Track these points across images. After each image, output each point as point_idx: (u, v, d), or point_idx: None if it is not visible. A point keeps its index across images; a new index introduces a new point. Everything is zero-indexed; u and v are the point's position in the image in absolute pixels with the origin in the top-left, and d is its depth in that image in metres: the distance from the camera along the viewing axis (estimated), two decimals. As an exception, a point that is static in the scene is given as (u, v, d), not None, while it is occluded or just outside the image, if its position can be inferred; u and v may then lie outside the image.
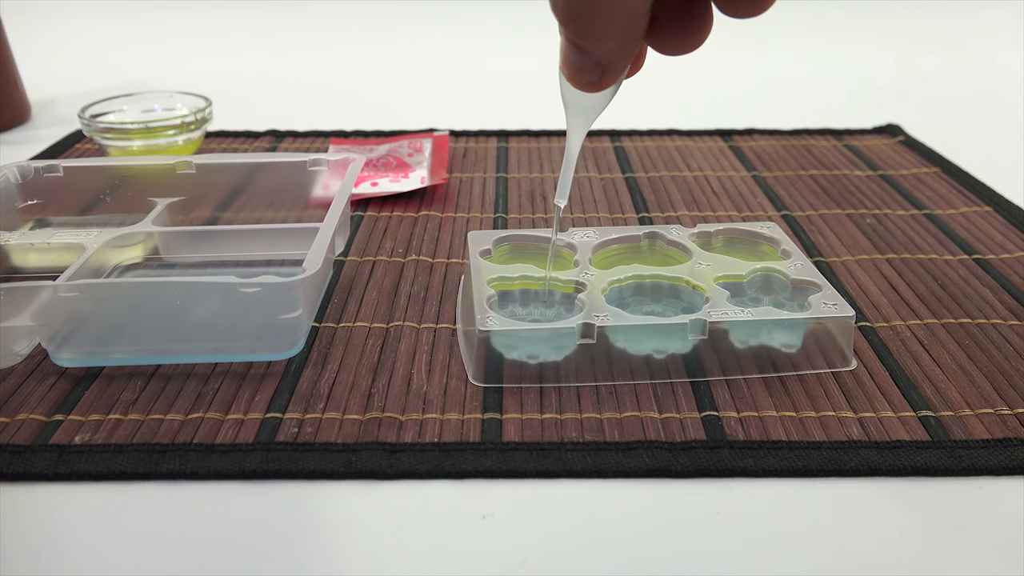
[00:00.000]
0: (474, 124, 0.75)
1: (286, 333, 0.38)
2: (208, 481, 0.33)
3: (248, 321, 0.37)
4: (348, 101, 0.85)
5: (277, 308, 0.37)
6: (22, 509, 0.32)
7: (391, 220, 0.55)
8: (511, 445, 0.34)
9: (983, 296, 0.46)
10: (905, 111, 0.79)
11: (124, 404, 0.36)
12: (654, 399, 0.37)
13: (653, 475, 0.33)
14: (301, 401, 0.37)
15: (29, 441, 0.34)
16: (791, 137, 0.72)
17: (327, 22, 1.00)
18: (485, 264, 0.42)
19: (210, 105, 0.65)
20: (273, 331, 0.38)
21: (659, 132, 0.73)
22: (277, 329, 0.38)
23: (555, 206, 0.37)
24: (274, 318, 0.37)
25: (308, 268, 0.36)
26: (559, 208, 0.37)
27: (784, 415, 0.36)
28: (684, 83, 0.90)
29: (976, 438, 0.35)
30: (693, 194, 0.60)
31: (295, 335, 0.39)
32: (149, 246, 0.48)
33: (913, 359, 0.40)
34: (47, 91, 0.85)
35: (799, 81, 0.91)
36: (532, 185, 0.61)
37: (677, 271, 0.42)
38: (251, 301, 0.36)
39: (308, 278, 0.36)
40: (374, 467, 0.33)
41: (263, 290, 0.35)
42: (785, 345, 0.38)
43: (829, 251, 0.51)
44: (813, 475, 0.33)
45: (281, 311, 0.37)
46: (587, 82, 0.27)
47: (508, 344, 0.37)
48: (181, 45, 0.98)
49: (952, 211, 0.57)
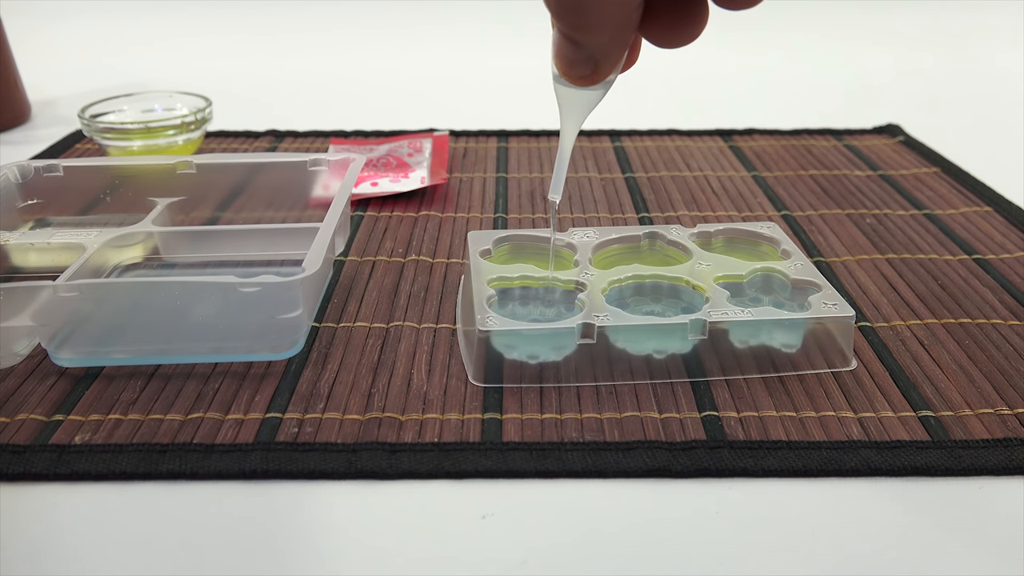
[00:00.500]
0: (474, 124, 0.75)
1: (286, 333, 0.38)
2: (208, 481, 0.33)
3: (248, 321, 0.37)
4: (348, 101, 0.85)
5: (277, 308, 0.37)
6: (22, 509, 0.32)
7: (391, 220, 0.55)
8: (511, 445, 0.34)
9: (983, 296, 0.46)
10: (905, 111, 0.79)
11: (124, 404, 0.36)
12: (654, 399, 0.37)
13: (653, 475, 0.33)
14: (301, 401, 0.37)
15: (29, 441, 0.34)
16: (791, 137, 0.72)
17: (327, 22, 1.00)
18: (485, 264, 0.42)
19: (210, 105, 0.65)
20: (273, 331, 0.38)
21: (659, 132, 0.73)
22: (277, 329, 0.38)
23: (550, 202, 0.36)
24: (274, 318, 0.37)
25: (308, 268, 0.36)
26: (554, 205, 0.37)
27: (784, 415, 0.36)
28: (684, 83, 0.90)
29: (976, 438, 0.35)
30: (693, 194, 0.60)
31: (295, 335, 0.39)
32: (149, 246, 0.48)
33: (913, 359, 0.40)
34: (47, 91, 0.85)
35: (799, 81, 0.91)
36: (532, 185, 0.61)
37: (677, 271, 0.42)
38: (250, 301, 0.36)
39: (307, 278, 0.36)
40: (374, 467, 0.33)
41: (262, 290, 0.35)
42: (785, 345, 0.38)
43: (829, 251, 0.51)
44: (813, 475, 0.33)
45: (281, 311, 0.37)
46: (580, 76, 0.27)
47: (508, 344, 0.37)
48: (181, 45, 0.98)
49: (952, 211, 0.57)
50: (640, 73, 0.29)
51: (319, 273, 0.37)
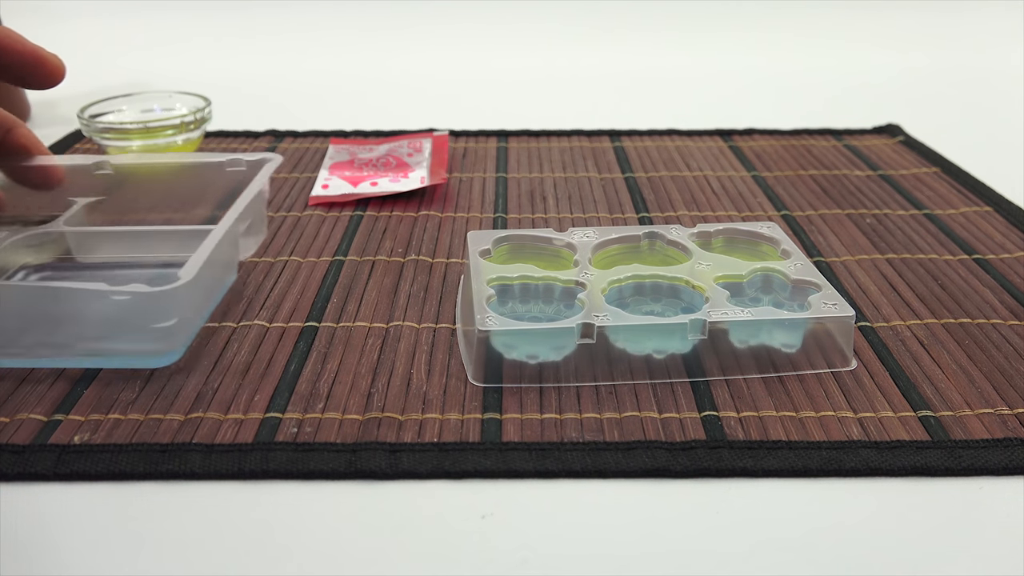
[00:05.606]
0: (474, 124, 0.75)
1: (163, 340, 0.38)
2: (207, 481, 0.33)
3: (123, 328, 0.37)
4: (348, 101, 0.84)
5: (149, 317, 0.36)
6: (22, 509, 0.32)
7: (391, 220, 0.55)
8: (511, 445, 0.34)
9: (983, 296, 0.46)
10: (905, 111, 0.79)
11: (123, 404, 0.36)
12: (654, 399, 0.37)
13: (653, 475, 0.33)
14: (301, 401, 0.37)
15: (28, 441, 0.34)
16: (791, 137, 0.72)
17: (327, 22, 1.00)
18: (485, 264, 0.42)
19: (209, 105, 0.65)
20: (149, 338, 0.37)
21: (659, 132, 0.73)
22: (153, 337, 0.37)
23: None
24: (148, 326, 0.37)
25: (183, 276, 0.36)
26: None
27: (784, 415, 0.36)
28: (684, 83, 0.90)
29: (976, 438, 0.35)
30: (693, 194, 0.60)
31: (172, 342, 0.38)
32: (62, 247, 0.47)
33: (913, 359, 0.40)
34: (47, 91, 0.84)
35: (799, 81, 0.91)
36: (532, 185, 0.61)
37: (677, 271, 0.42)
38: (123, 309, 0.36)
39: (183, 286, 0.35)
40: (374, 467, 0.33)
41: (133, 299, 0.35)
42: (785, 345, 0.38)
43: (829, 251, 0.51)
44: (813, 475, 0.33)
45: (153, 320, 0.36)
46: None
47: (508, 344, 0.37)
48: (181, 45, 0.98)
49: (952, 211, 0.57)
50: (640, 72, 0.29)
51: (200, 281, 0.37)
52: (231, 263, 0.45)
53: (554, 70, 0.94)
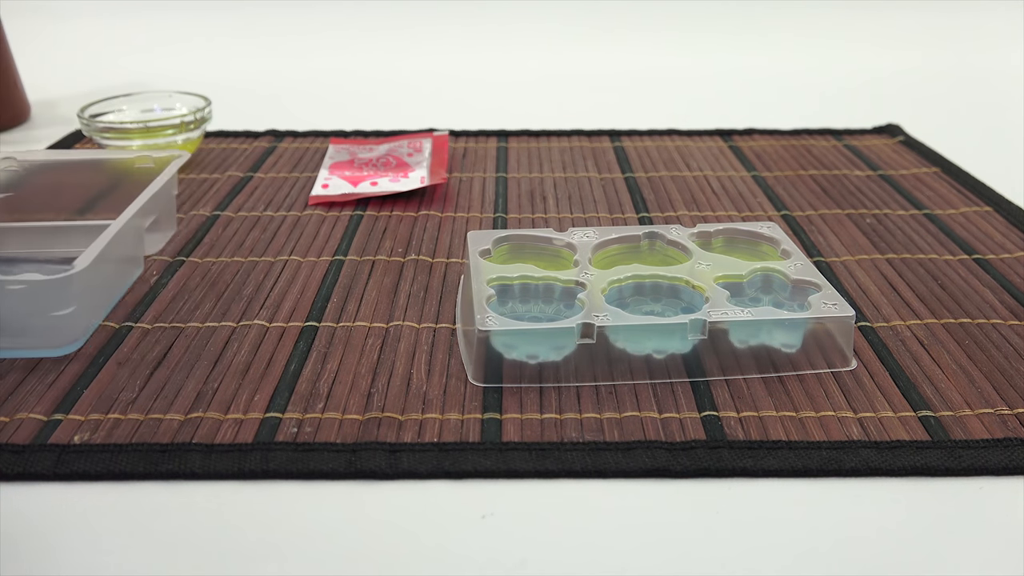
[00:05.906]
0: (474, 124, 0.75)
1: (62, 330, 0.38)
2: (207, 481, 0.33)
3: (19, 318, 0.38)
4: (348, 101, 0.84)
5: (46, 305, 0.37)
6: (22, 509, 0.32)
7: (391, 220, 0.55)
8: (511, 445, 0.34)
9: (983, 296, 0.46)
10: (905, 111, 0.79)
11: (123, 403, 0.36)
12: (654, 399, 0.37)
13: (653, 475, 0.33)
14: (300, 401, 0.37)
15: (28, 441, 0.34)
16: (791, 137, 0.72)
17: (327, 22, 1.00)
18: (485, 264, 0.42)
19: (209, 105, 0.65)
20: (48, 328, 0.38)
21: (659, 132, 0.73)
22: (53, 327, 0.38)
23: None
24: (46, 315, 0.37)
25: (78, 265, 0.37)
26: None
27: (784, 415, 0.36)
28: (684, 83, 0.90)
29: (976, 438, 0.35)
30: (693, 194, 0.60)
31: (72, 332, 0.39)
32: None
33: (913, 359, 0.40)
34: (47, 91, 0.85)
35: (799, 81, 0.91)
36: (532, 185, 0.61)
37: (677, 271, 0.42)
38: (18, 298, 0.36)
39: (78, 274, 0.36)
40: (374, 467, 0.33)
41: (28, 288, 0.36)
42: (785, 345, 0.38)
43: (829, 251, 0.51)
44: (813, 475, 0.33)
45: (51, 308, 0.37)
46: None
47: (508, 344, 0.37)
48: (181, 45, 0.98)
49: (952, 211, 0.57)
50: (640, 73, 0.29)
51: (96, 270, 0.38)
52: (135, 257, 0.46)
53: (554, 70, 0.94)
